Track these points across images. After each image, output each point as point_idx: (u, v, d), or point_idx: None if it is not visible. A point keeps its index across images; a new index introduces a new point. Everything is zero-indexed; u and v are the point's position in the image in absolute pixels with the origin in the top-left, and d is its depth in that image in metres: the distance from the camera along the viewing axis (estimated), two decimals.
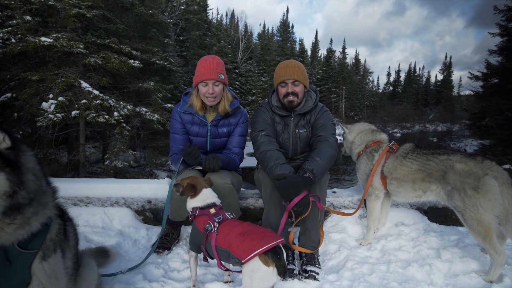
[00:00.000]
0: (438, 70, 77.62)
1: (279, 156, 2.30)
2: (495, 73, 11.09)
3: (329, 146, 2.36)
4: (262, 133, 2.44)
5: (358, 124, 2.89)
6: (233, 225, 1.75)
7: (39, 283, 1.17)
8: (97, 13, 8.19)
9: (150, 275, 2.09)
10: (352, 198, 2.97)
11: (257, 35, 50.14)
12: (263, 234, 1.63)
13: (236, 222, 1.79)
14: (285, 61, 2.56)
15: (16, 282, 1.15)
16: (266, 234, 1.64)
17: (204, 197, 1.93)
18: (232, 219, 1.83)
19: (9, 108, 8.11)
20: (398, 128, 38.73)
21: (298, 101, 2.48)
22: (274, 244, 1.56)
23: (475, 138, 15.07)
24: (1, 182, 1.06)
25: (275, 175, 2.20)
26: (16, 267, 1.14)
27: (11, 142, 1.11)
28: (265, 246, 1.54)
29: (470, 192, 2.04)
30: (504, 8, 10.76)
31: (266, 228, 1.78)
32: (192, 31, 20.86)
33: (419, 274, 2.08)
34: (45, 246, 1.20)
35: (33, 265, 1.17)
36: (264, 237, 1.60)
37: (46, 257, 1.20)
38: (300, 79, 2.44)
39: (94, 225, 2.63)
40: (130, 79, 9.59)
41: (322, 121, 2.53)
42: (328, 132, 2.46)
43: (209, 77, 2.38)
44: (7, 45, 7.25)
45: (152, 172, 10.73)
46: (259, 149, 2.39)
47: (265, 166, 2.32)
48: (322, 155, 2.29)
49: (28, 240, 1.16)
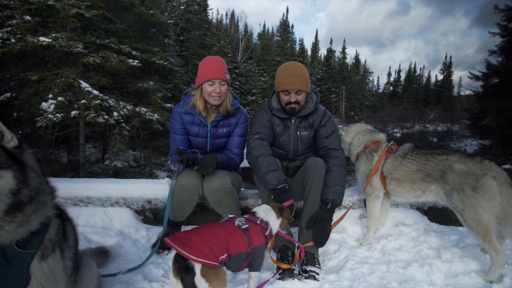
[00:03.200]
0: (439, 70, 77.71)
1: (271, 162, 2.28)
2: (495, 73, 11.10)
3: (342, 165, 2.43)
4: (254, 137, 2.43)
5: (355, 125, 2.89)
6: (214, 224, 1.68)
7: (38, 283, 1.17)
8: (97, 13, 8.18)
9: (150, 275, 2.09)
10: (352, 198, 2.97)
11: (257, 35, 50.17)
12: (186, 235, 1.48)
13: (223, 224, 1.70)
14: (289, 67, 2.44)
15: (14, 282, 1.14)
16: (189, 236, 1.46)
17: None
18: (231, 223, 1.73)
19: (8, 108, 8.10)
20: (398, 128, 38.70)
21: (300, 107, 2.48)
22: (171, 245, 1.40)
23: (475, 138, 15.08)
24: (9, 180, 1.08)
25: (268, 183, 2.21)
26: (15, 267, 1.14)
27: (17, 141, 1.14)
28: (170, 241, 1.42)
29: (469, 192, 2.04)
30: (504, 8, 10.76)
31: (211, 236, 1.53)
32: (192, 31, 20.86)
33: (419, 274, 2.08)
34: (43, 246, 1.20)
35: (32, 265, 1.16)
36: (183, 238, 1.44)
37: (45, 257, 1.20)
38: (304, 88, 2.40)
39: (94, 225, 2.63)
40: (130, 79, 9.58)
41: (329, 128, 2.54)
42: (338, 143, 2.54)
43: (216, 77, 2.38)
44: (6, 45, 7.24)
45: (152, 172, 10.73)
46: (250, 153, 2.39)
47: (257, 172, 2.32)
48: (342, 182, 2.34)
49: (27, 239, 1.15)
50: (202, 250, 1.41)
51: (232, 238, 1.59)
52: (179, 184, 2.34)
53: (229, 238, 1.58)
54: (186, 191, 2.35)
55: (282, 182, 2.19)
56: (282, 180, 2.20)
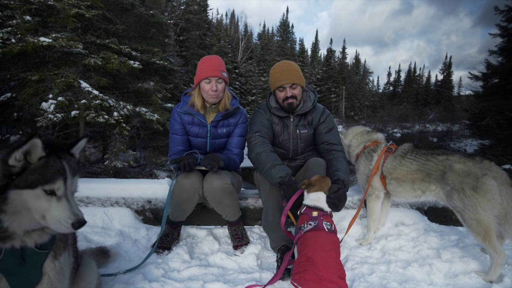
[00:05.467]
0: (439, 69, 77.62)
1: (276, 157, 2.31)
2: (495, 73, 11.10)
3: (344, 157, 2.48)
4: (256, 134, 2.45)
5: (353, 128, 2.93)
6: (314, 239, 1.83)
7: (49, 281, 1.21)
8: (97, 13, 8.18)
9: (150, 275, 2.09)
10: (352, 198, 2.97)
11: (257, 35, 50.16)
12: (318, 277, 1.63)
13: (321, 238, 1.83)
14: (280, 64, 2.53)
15: (26, 280, 1.18)
16: (323, 278, 1.63)
17: (315, 198, 2.07)
18: (325, 232, 1.88)
19: (9, 108, 8.11)
20: (398, 128, 38.63)
21: (297, 102, 2.50)
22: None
23: (475, 138, 15.06)
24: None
25: (275, 178, 2.21)
26: (29, 266, 1.18)
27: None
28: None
29: (469, 192, 2.04)
30: (504, 9, 10.77)
31: (336, 269, 1.71)
32: (192, 31, 20.87)
33: (419, 274, 2.08)
34: (56, 246, 1.25)
35: (45, 264, 1.21)
36: (318, 281, 1.62)
37: (57, 255, 1.25)
38: (297, 81, 2.44)
39: (94, 225, 2.63)
40: (130, 79, 9.58)
41: (328, 125, 2.57)
42: (338, 139, 2.56)
43: (212, 74, 2.39)
44: (6, 45, 7.25)
45: (152, 172, 10.72)
46: (253, 150, 2.40)
47: (262, 167, 2.31)
48: (345, 166, 2.36)
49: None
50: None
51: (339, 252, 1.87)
52: (179, 184, 2.34)
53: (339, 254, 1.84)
54: (186, 191, 2.35)
55: (289, 174, 2.22)
56: (289, 173, 2.23)
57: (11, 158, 1.03)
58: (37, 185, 1.06)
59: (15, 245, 1.13)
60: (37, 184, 1.06)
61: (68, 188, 1.13)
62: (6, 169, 1.04)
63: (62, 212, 1.09)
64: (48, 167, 1.08)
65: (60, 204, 1.10)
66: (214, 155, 2.39)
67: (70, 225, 1.10)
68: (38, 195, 1.07)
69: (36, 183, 1.05)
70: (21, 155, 1.04)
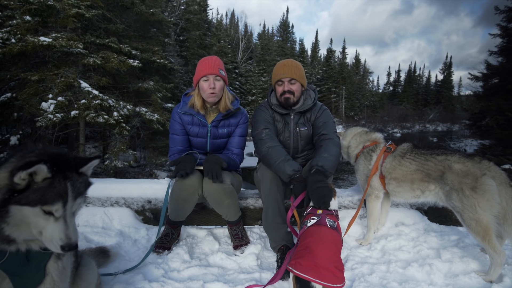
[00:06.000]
0: (439, 69, 77.61)
1: (285, 153, 2.33)
2: (495, 74, 11.11)
3: (334, 144, 2.38)
4: (265, 130, 2.47)
5: (351, 129, 2.93)
6: (315, 232, 1.85)
7: (52, 281, 1.24)
8: (97, 13, 8.19)
9: (150, 275, 2.09)
10: (352, 198, 2.97)
11: (257, 35, 50.17)
12: (314, 263, 1.65)
13: (322, 232, 1.85)
14: (283, 60, 2.60)
15: (30, 280, 1.20)
16: (318, 265, 1.64)
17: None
18: (327, 227, 1.89)
19: (9, 108, 8.12)
20: (398, 128, 38.66)
21: (295, 99, 2.51)
22: (309, 278, 1.60)
23: (475, 138, 15.06)
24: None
25: (288, 171, 2.20)
26: (33, 266, 1.20)
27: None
28: (302, 274, 1.62)
29: (468, 192, 2.04)
30: (504, 9, 10.78)
31: (334, 260, 1.72)
32: (192, 31, 20.88)
33: (419, 274, 2.08)
34: None
35: (49, 264, 1.24)
36: (313, 267, 1.64)
37: (61, 255, 1.27)
38: (296, 77, 2.46)
39: (94, 225, 2.63)
40: (130, 79, 9.58)
41: (323, 119, 2.57)
42: (331, 130, 2.49)
43: (210, 72, 2.40)
44: (6, 45, 7.25)
45: (152, 172, 10.73)
46: (264, 144, 2.39)
47: (273, 161, 2.29)
48: (329, 152, 2.29)
49: None
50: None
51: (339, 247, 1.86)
52: (179, 184, 2.34)
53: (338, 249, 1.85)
54: (185, 191, 2.35)
55: (301, 170, 2.23)
56: (301, 169, 2.24)
57: (16, 176, 1.05)
58: (36, 204, 1.08)
59: (20, 248, 1.16)
60: (37, 203, 1.07)
61: (67, 210, 1.14)
62: (11, 183, 1.06)
63: (56, 233, 1.11)
64: (51, 189, 1.09)
65: (56, 224, 1.11)
66: (215, 157, 2.39)
67: (59, 247, 1.11)
68: (37, 213, 1.09)
69: (36, 202, 1.07)
70: (26, 175, 1.06)
